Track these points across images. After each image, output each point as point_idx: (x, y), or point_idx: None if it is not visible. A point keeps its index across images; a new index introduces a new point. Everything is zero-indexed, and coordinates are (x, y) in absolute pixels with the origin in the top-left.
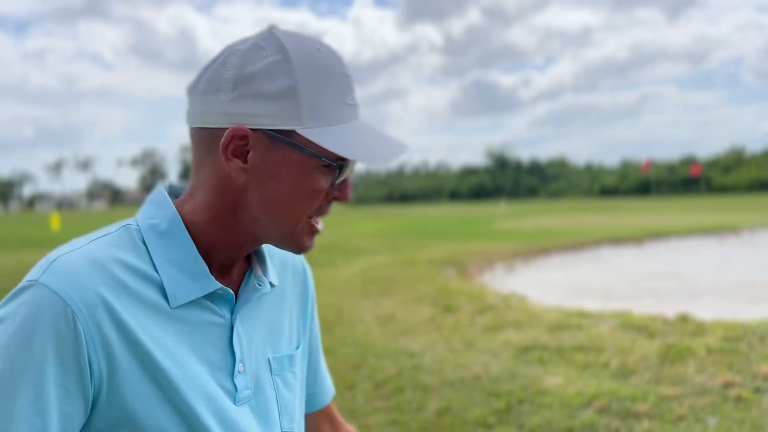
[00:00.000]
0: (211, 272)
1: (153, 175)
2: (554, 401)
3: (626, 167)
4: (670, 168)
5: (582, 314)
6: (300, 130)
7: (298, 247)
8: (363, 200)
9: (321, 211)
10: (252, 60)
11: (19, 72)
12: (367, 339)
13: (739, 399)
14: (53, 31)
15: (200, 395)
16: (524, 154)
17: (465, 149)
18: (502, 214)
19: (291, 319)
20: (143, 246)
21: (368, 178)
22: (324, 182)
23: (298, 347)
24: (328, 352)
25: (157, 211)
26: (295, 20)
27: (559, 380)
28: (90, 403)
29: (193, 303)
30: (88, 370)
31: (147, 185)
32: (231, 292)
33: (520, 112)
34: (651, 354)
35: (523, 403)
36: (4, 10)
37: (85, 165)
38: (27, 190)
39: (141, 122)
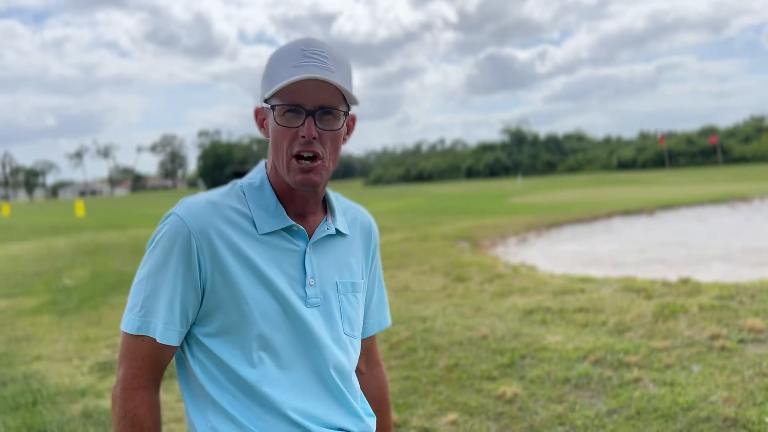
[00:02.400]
0: (288, 216)
1: (173, 160)
2: (554, 356)
3: (644, 140)
4: (689, 139)
5: (586, 280)
6: (265, 96)
7: (294, 182)
8: (380, 180)
9: (299, 151)
10: None
11: (39, 62)
12: None
13: (723, 349)
14: (71, 21)
15: (288, 295)
16: (541, 129)
17: (481, 126)
18: (518, 190)
19: (357, 259)
20: (243, 195)
21: (385, 158)
22: (282, 125)
23: (361, 279)
24: None
25: (256, 174)
26: (308, 2)
27: (559, 338)
28: (200, 290)
29: (275, 233)
30: (197, 269)
31: (167, 171)
32: (303, 229)
33: (537, 87)
34: (647, 313)
35: (525, 358)
36: (23, 1)
37: (106, 152)
38: (50, 179)
39: (159, 108)
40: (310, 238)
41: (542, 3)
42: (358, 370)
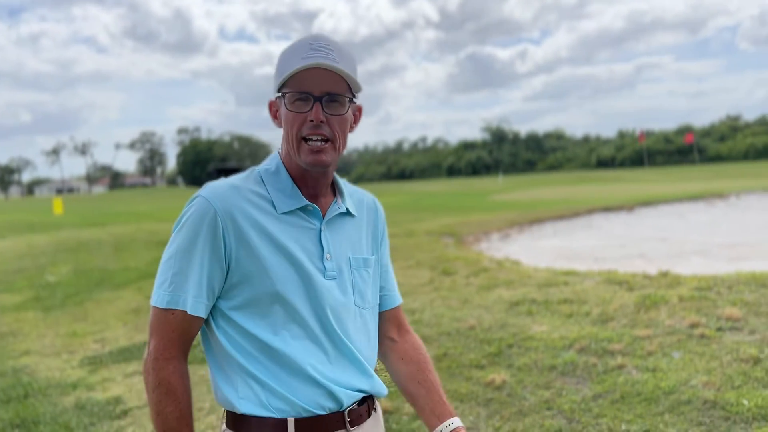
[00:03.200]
0: (303, 197)
1: (152, 158)
2: (540, 345)
3: (623, 138)
4: (667, 138)
5: (569, 273)
6: (277, 85)
7: (305, 163)
8: (362, 178)
9: (308, 133)
10: None
11: (14, 58)
12: None
13: (702, 336)
14: (47, 16)
15: (307, 269)
16: (522, 128)
17: (463, 124)
18: (499, 187)
19: (366, 238)
20: (261, 180)
21: (366, 156)
22: (292, 111)
23: (371, 256)
24: None
25: (271, 161)
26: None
27: (545, 328)
28: (225, 267)
29: (292, 213)
30: (223, 246)
31: (146, 168)
32: (318, 208)
33: (517, 86)
34: (629, 303)
35: (513, 347)
36: None
37: (83, 149)
38: (26, 176)
39: (138, 105)
40: (324, 217)
41: (523, 2)
42: (390, 339)
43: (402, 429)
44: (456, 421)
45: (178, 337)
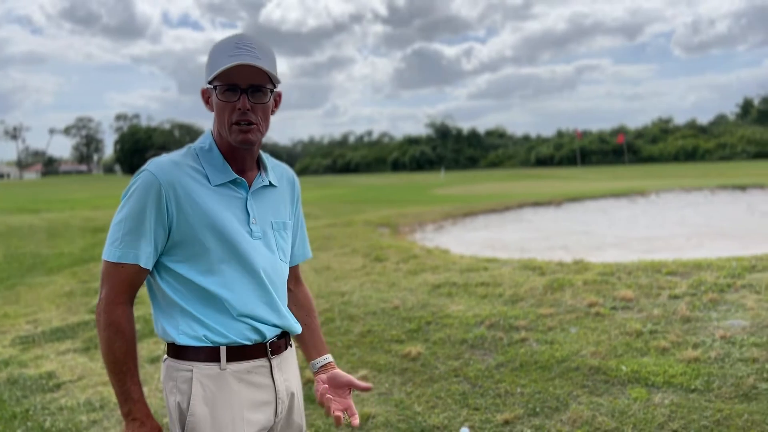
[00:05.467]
0: (233, 171)
1: (88, 144)
2: (455, 322)
3: (561, 138)
4: (602, 138)
5: (491, 260)
6: (208, 78)
7: (235, 142)
8: (306, 170)
9: (238, 119)
10: None
11: None
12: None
13: (597, 314)
14: None
15: (235, 231)
16: (465, 125)
17: (408, 120)
18: (441, 182)
19: (285, 205)
20: (197, 156)
21: (311, 148)
22: (223, 101)
23: (289, 220)
24: None
25: (205, 139)
26: None
27: (461, 307)
28: (167, 229)
29: (223, 185)
30: (166, 212)
31: (81, 155)
32: (245, 181)
33: (462, 83)
34: (539, 286)
35: (431, 324)
36: None
37: (14, 134)
38: None
39: (75, 90)
40: (249, 188)
41: (470, 1)
42: (288, 289)
43: None
44: (329, 357)
45: (127, 287)
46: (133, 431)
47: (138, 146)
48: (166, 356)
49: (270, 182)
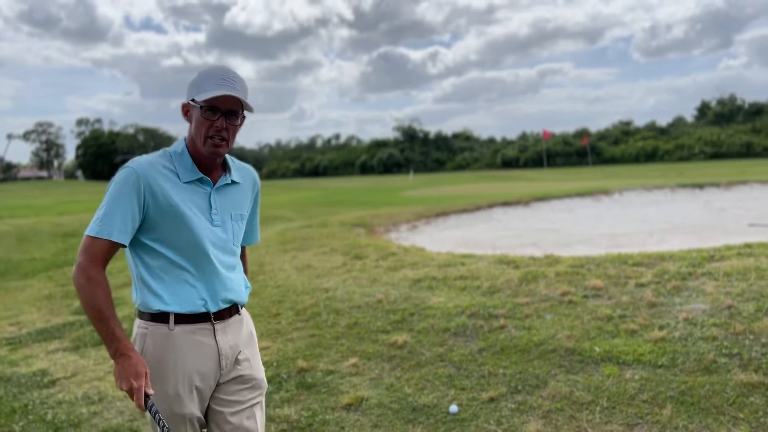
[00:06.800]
0: (200, 171)
1: (48, 149)
2: (437, 312)
3: (526, 140)
4: (566, 140)
5: (467, 256)
6: (195, 97)
7: (207, 153)
8: (274, 174)
9: (213, 134)
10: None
11: None
12: (288, 282)
13: (570, 302)
14: None
15: (196, 218)
16: (432, 128)
17: (375, 123)
18: (410, 185)
19: (245, 200)
20: (171, 158)
21: (278, 152)
22: (204, 118)
23: (246, 213)
24: (254, 294)
25: (178, 145)
26: None
27: (442, 299)
28: (143, 212)
29: (192, 182)
30: (143, 199)
31: (41, 160)
32: (210, 179)
33: (428, 87)
34: (514, 278)
35: (414, 315)
36: None
37: None
38: None
39: (34, 94)
40: (214, 185)
41: (435, 5)
42: None
43: (317, 383)
44: None
45: (101, 257)
46: (122, 365)
47: (101, 151)
48: (137, 318)
49: (233, 180)
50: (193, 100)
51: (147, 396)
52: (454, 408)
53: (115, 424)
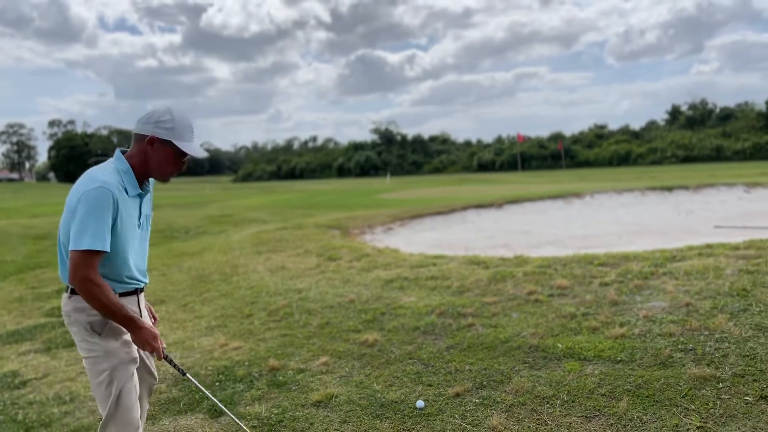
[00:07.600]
0: (140, 187)
1: (19, 151)
2: (408, 312)
3: (501, 144)
4: (540, 144)
5: (439, 257)
6: (175, 142)
7: (160, 179)
8: (250, 176)
9: (173, 172)
10: (163, 114)
11: None
12: (261, 283)
13: (536, 301)
14: None
15: (130, 225)
16: (409, 131)
17: (353, 126)
18: (387, 187)
19: (151, 203)
20: (121, 176)
21: (255, 154)
22: (174, 158)
23: (152, 212)
24: (227, 294)
25: (123, 163)
26: None
27: (413, 299)
28: (114, 220)
29: (135, 196)
30: (116, 213)
31: (13, 162)
32: (142, 192)
33: (405, 90)
34: (483, 278)
35: (385, 314)
36: None
37: None
38: None
39: (4, 95)
40: (143, 196)
41: (412, 9)
42: None
43: (288, 381)
44: None
45: (97, 264)
46: (142, 334)
47: (74, 153)
48: (71, 295)
49: (149, 190)
50: (170, 143)
51: (163, 349)
52: (420, 403)
53: (87, 423)
